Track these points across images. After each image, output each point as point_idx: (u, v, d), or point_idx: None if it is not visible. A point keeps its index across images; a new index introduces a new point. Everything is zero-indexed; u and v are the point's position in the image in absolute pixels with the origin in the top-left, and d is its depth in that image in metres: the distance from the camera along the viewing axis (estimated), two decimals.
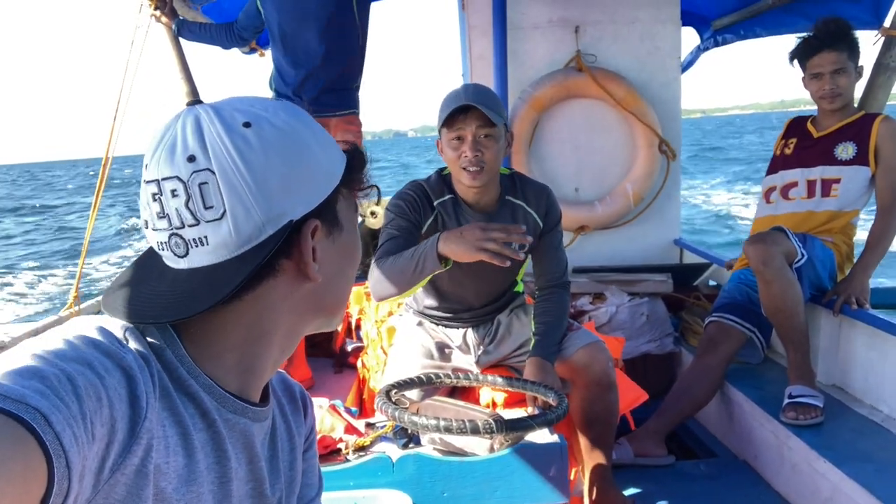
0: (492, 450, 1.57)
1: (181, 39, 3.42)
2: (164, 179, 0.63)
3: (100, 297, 3.20)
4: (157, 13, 3.32)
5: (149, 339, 0.66)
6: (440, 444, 1.59)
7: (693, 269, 3.86)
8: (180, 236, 0.64)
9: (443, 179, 2.10)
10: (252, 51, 4.13)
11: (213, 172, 0.63)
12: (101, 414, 0.54)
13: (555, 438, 1.64)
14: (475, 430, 1.46)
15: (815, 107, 2.80)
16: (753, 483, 2.51)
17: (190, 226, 0.64)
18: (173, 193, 0.63)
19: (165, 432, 0.62)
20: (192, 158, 0.63)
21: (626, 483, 2.45)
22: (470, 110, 1.89)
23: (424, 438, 1.63)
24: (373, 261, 1.97)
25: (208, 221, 0.63)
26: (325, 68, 2.86)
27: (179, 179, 0.63)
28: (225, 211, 0.63)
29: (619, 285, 3.47)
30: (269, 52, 3.39)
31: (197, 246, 0.64)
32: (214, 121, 0.64)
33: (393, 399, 1.68)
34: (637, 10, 3.89)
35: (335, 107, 2.90)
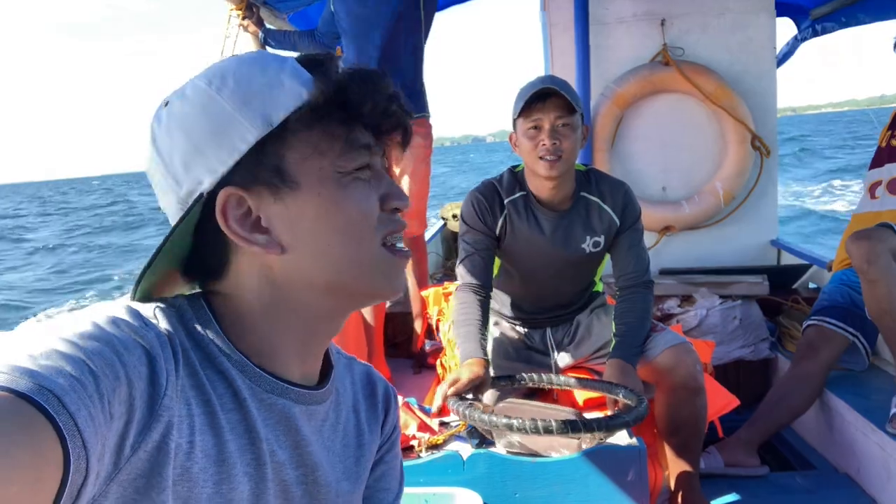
0: (580, 448, 1.50)
1: (268, 48, 3.52)
2: None
3: None
4: (245, 23, 3.43)
5: (181, 318, 0.65)
6: (519, 447, 1.54)
7: (792, 271, 3.65)
8: None
9: (515, 177, 2.06)
10: None
11: (151, 162, 0.68)
12: (119, 392, 0.53)
13: (633, 441, 1.56)
14: (535, 430, 1.40)
15: None
16: (856, 498, 2.33)
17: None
18: None
19: (191, 411, 0.61)
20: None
21: (715, 493, 2.32)
22: (548, 99, 1.86)
23: (501, 442, 1.58)
24: (457, 288, 2.01)
25: (161, 209, 0.69)
26: (394, 73, 2.86)
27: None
28: (160, 199, 0.69)
29: (710, 287, 3.31)
30: None
31: None
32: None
33: (467, 400, 1.65)
34: (727, 1, 3.73)
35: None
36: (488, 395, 1.91)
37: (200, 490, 0.60)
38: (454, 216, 5.42)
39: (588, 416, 1.78)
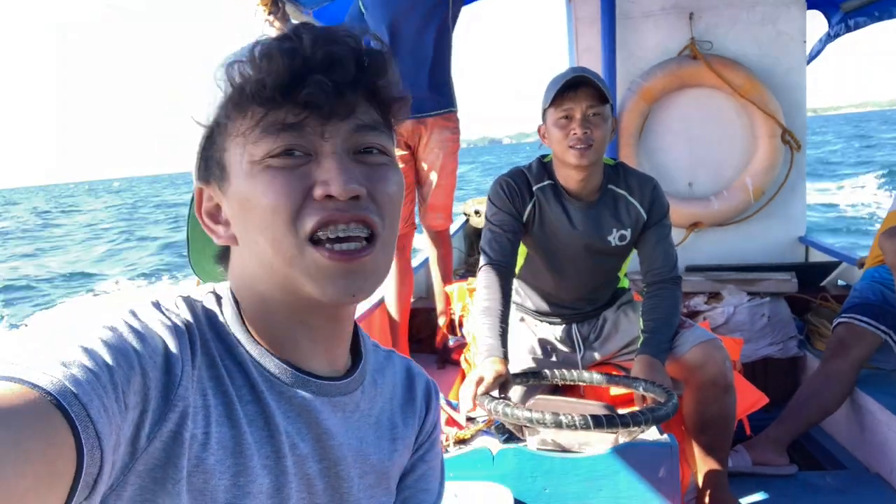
0: (616, 443, 1.49)
1: None
2: None
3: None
4: (271, 18, 3.44)
5: (205, 309, 0.67)
6: (550, 443, 1.53)
7: (820, 269, 3.60)
8: None
9: (543, 166, 2.05)
10: None
11: None
12: (133, 382, 0.54)
13: (664, 438, 1.55)
14: (585, 426, 1.39)
15: None
16: (888, 499, 2.29)
17: None
18: None
19: (206, 402, 0.60)
20: None
21: (743, 492, 2.29)
22: (579, 88, 1.85)
23: (532, 438, 1.57)
24: (480, 267, 1.98)
25: None
26: (423, 67, 2.86)
27: None
28: None
29: (738, 284, 3.27)
30: None
31: None
32: None
33: (495, 396, 1.64)
34: None
35: (434, 107, 2.89)
36: (515, 392, 1.90)
37: (217, 482, 0.59)
38: (476, 212, 5.40)
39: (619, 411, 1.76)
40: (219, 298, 0.69)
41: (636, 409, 1.50)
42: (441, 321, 3.24)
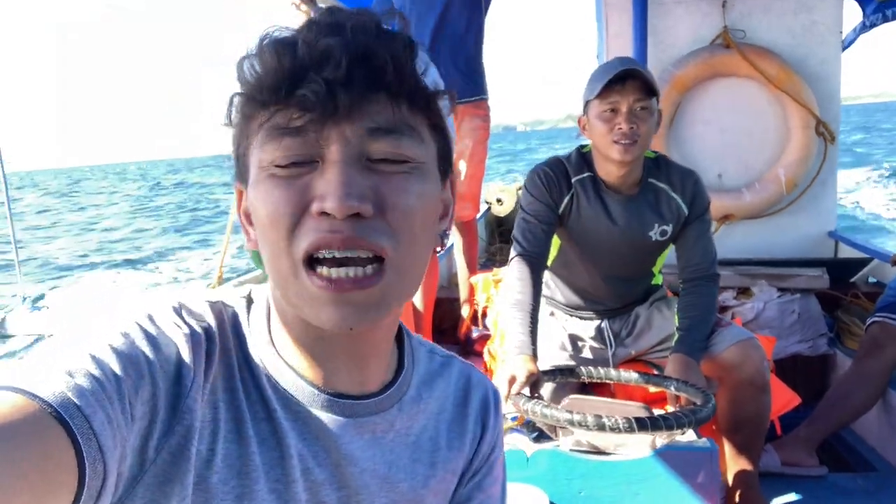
0: (654, 446, 1.46)
1: None
2: None
3: (246, 276, 3.33)
4: (298, 1, 3.40)
5: (233, 318, 0.63)
6: (586, 445, 1.50)
7: (850, 265, 3.52)
8: None
9: (582, 157, 2.01)
10: None
11: None
12: (142, 392, 0.52)
13: (704, 442, 1.52)
14: (601, 427, 1.37)
15: None
16: None
17: None
18: None
19: (216, 416, 0.57)
20: None
21: (772, 493, 2.25)
22: (626, 81, 1.80)
23: (566, 438, 1.54)
24: (512, 257, 1.95)
25: None
26: (459, 53, 2.81)
27: None
28: None
29: (768, 280, 3.21)
30: None
31: None
32: None
33: (530, 395, 1.61)
34: None
35: (466, 94, 2.84)
36: (545, 390, 1.87)
37: (219, 503, 0.56)
38: (499, 200, 5.35)
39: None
40: (250, 304, 0.65)
41: (677, 410, 1.47)
42: (464, 311, 3.22)
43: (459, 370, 0.77)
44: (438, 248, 0.66)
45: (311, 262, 0.54)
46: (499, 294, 2.91)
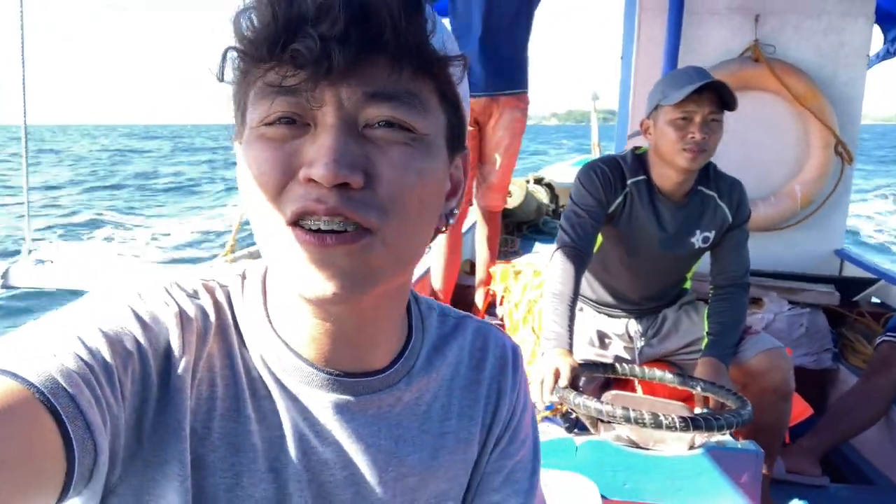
0: (692, 446, 1.51)
1: None
2: None
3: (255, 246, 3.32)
4: None
5: (228, 295, 0.62)
6: (626, 440, 1.55)
7: (854, 283, 3.60)
8: None
9: (638, 159, 2.04)
10: None
11: None
12: (131, 370, 0.51)
13: (749, 444, 1.57)
14: (658, 425, 1.42)
15: None
16: None
17: None
18: None
19: (213, 394, 0.57)
20: None
21: (776, 498, 2.33)
22: (703, 92, 1.83)
23: (608, 432, 1.59)
24: (557, 248, 1.97)
25: None
26: (509, 44, 2.82)
27: None
28: None
29: (780, 293, 3.29)
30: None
31: None
32: None
33: (577, 391, 1.65)
34: (826, 2, 3.63)
35: (509, 86, 2.85)
36: (582, 384, 1.92)
37: (218, 480, 0.56)
38: (510, 193, 5.38)
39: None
40: (244, 282, 0.63)
41: (725, 411, 1.52)
42: (478, 298, 3.25)
43: (475, 329, 0.73)
44: (443, 229, 0.61)
45: (296, 226, 0.51)
46: (517, 284, 2.95)
